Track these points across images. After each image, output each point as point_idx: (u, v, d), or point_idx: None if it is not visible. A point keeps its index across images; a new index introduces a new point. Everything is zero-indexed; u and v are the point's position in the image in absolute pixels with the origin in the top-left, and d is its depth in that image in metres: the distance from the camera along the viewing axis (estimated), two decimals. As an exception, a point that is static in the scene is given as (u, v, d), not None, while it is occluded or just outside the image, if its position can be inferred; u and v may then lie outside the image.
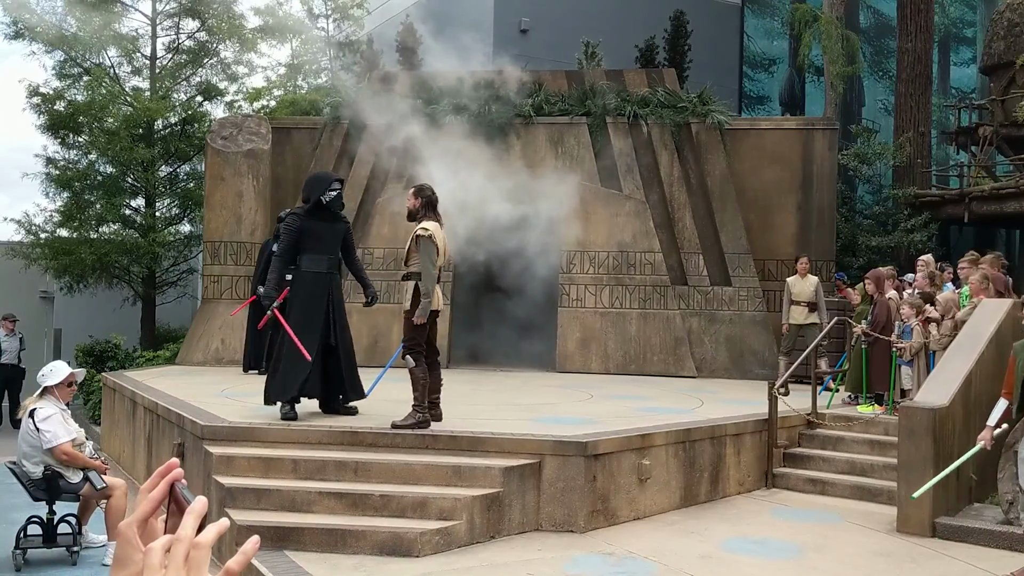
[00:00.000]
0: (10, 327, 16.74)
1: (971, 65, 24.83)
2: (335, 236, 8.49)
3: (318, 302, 8.27)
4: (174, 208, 18.81)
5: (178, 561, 1.05)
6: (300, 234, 8.29)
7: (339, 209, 8.55)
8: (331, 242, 8.45)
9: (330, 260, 8.43)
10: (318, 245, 8.34)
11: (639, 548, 6.98)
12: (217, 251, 14.45)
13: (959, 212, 17.33)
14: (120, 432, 11.74)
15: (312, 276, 8.31)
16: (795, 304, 12.12)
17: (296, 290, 8.44)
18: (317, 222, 8.34)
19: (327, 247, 8.42)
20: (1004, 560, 6.56)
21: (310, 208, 8.37)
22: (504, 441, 7.60)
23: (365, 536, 6.72)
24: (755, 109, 23.47)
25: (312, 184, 8.59)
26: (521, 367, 13.92)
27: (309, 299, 8.28)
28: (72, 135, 17.56)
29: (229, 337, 13.98)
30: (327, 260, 8.39)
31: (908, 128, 18.79)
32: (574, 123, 14.75)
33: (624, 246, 14.13)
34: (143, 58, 18.40)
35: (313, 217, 8.34)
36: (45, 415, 7.44)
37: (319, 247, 8.34)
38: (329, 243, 8.43)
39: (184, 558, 1.05)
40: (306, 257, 8.33)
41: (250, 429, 7.90)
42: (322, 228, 8.36)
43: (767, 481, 9.17)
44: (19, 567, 7.34)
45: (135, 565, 1.11)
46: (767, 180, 14.78)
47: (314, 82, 20.18)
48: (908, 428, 7.67)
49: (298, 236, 8.29)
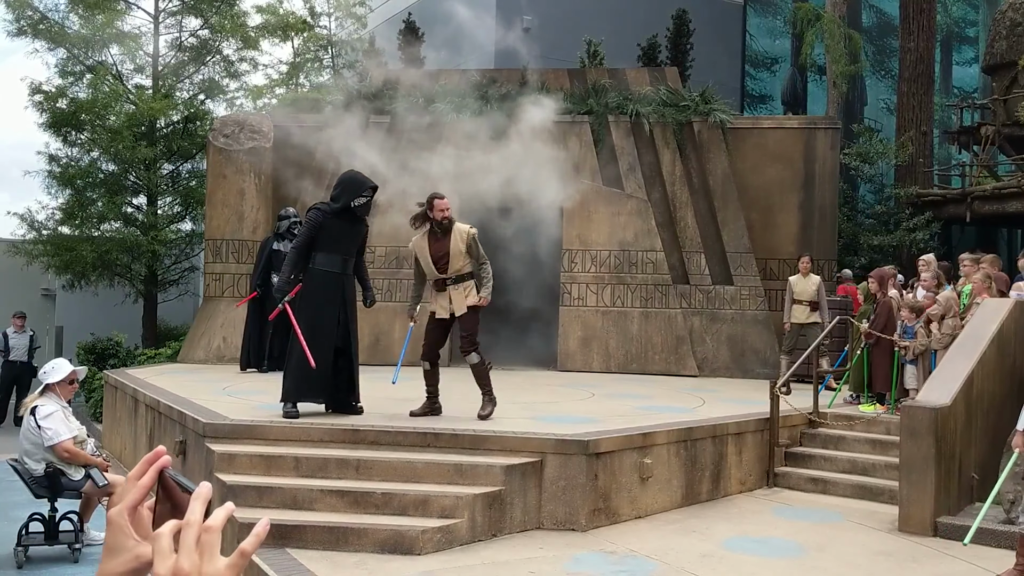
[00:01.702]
0: (20, 324, 16.75)
1: (973, 64, 24.80)
2: (353, 238, 8.32)
3: (331, 302, 8.15)
4: (176, 206, 18.81)
5: (190, 545, 1.05)
6: (319, 230, 8.11)
7: (365, 215, 8.36)
8: (348, 243, 8.28)
9: (345, 261, 8.26)
10: (335, 244, 8.18)
11: (640, 547, 6.98)
12: (219, 249, 14.46)
13: (961, 212, 17.31)
14: (121, 430, 11.74)
15: (323, 275, 8.17)
16: (797, 303, 12.10)
17: (308, 287, 8.29)
18: (339, 221, 8.16)
19: (344, 247, 8.25)
20: (1006, 559, 6.55)
21: (337, 209, 8.17)
22: (506, 439, 7.61)
23: (367, 534, 6.72)
24: (757, 108, 23.46)
25: (345, 185, 8.33)
26: (522, 366, 13.92)
27: (321, 299, 8.16)
28: (74, 133, 17.57)
29: (231, 335, 13.99)
30: (342, 260, 8.23)
31: (910, 127, 18.77)
32: (576, 122, 14.75)
33: (626, 245, 14.13)
34: (145, 56, 18.39)
35: (337, 216, 8.15)
36: (46, 412, 7.45)
37: (336, 247, 8.19)
38: (346, 244, 8.27)
39: (195, 542, 1.05)
40: (321, 255, 8.16)
41: (252, 427, 7.90)
42: (342, 228, 8.19)
43: (769, 480, 9.17)
44: (21, 564, 7.35)
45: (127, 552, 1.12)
46: (769, 179, 14.77)
47: (316, 80, 20.18)
48: (910, 427, 7.66)
49: (317, 232, 8.11)
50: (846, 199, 18.41)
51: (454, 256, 8.09)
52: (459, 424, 8.02)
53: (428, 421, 8.19)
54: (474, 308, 8.20)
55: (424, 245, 8.19)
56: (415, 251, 8.31)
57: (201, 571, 1.04)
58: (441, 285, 8.20)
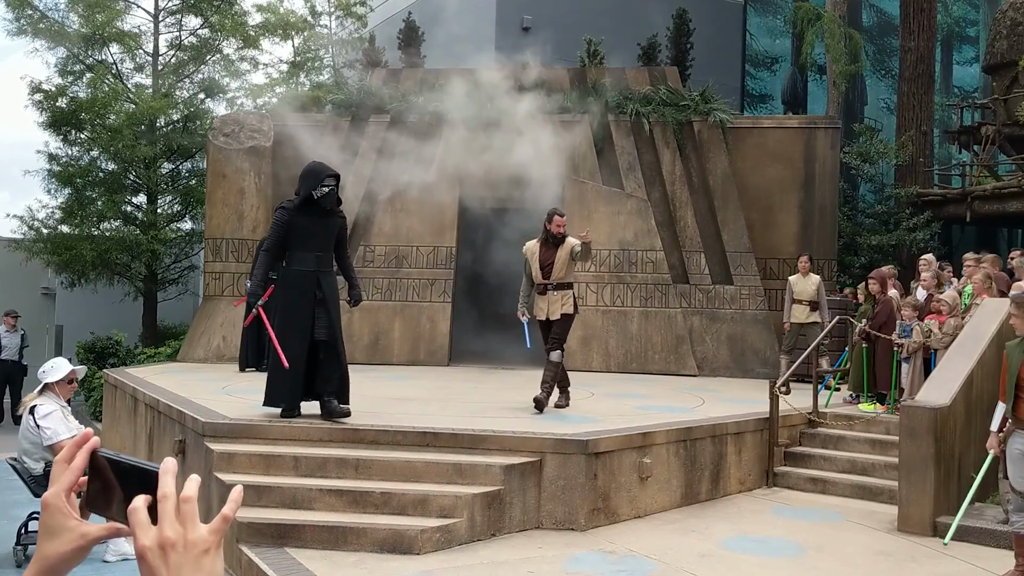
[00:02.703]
0: (11, 323, 16.73)
1: (974, 64, 24.79)
2: (327, 232, 8.04)
3: (304, 299, 7.87)
4: (176, 205, 18.80)
5: (170, 516, 1.09)
6: (287, 229, 7.89)
7: (331, 206, 8.05)
8: (322, 238, 8.00)
9: (319, 258, 7.97)
10: (307, 241, 7.91)
11: (640, 546, 6.97)
12: (218, 248, 14.46)
13: (961, 211, 17.30)
14: (121, 429, 11.74)
15: (298, 274, 7.93)
16: (797, 303, 12.07)
17: (281, 289, 8.13)
18: (307, 217, 7.89)
19: (317, 243, 7.97)
20: (1005, 560, 6.55)
21: (299, 203, 7.94)
22: (505, 439, 7.60)
23: (366, 533, 6.71)
24: (757, 107, 23.44)
25: (304, 177, 8.11)
26: (523, 365, 13.90)
27: (294, 299, 7.92)
28: (74, 132, 17.56)
29: (230, 334, 13.99)
30: (315, 258, 7.94)
31: (910, 127, 18.75)
32: (576, 121, 14.74)
33: (626, 244, 14.12)
34: (145, 55, 18.39)
35: (303, 212, 7.90)
36: (45, 412, 7.44)
37: (308, 244, 7.92)
38: (319, 239, 7.98)
39: (175, 513, 1.10)
40: (293, 254, 7.95)
41: (251, 426, 7.90)
42: (312, 223, 7.92)
43: (768, 480, 9.17)
44: (20, 563, 7.35)
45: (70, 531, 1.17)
46: (769, 178, 14.76)
47: (316, 79, 20.17)
48: (909, 427, 7.66)
49: (285, 231, 7.90)
50: (846, 199, 18.40)
51: (558, 266, 8.93)
52: (458, 423, 8.01)
53: (428, 420, 8.18)
54: (567, 316, 9.02)
55: (536, 251, 9.08)
56: (527, 255, 9.16)
57: (186, 538, 1.09)
58: (542, 289, 9.05)
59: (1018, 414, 6.21)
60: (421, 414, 8.49)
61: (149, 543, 1.08)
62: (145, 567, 1.09)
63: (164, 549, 1.08)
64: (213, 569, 1.10)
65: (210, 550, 1.10)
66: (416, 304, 14.25)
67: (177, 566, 1.08)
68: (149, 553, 1.08)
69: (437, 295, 14.32)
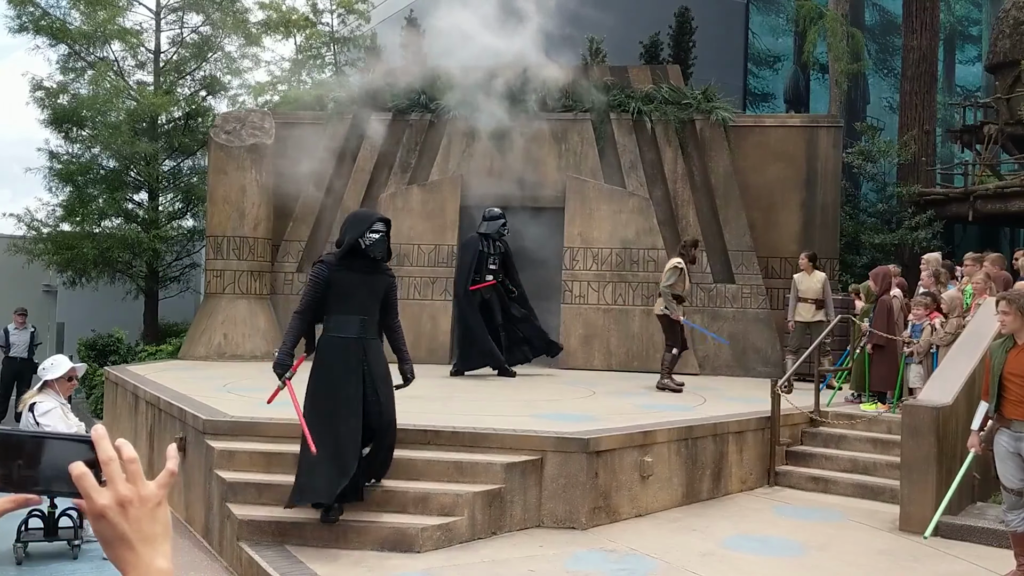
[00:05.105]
0: (21, 321, 16.73)
1: (976, 63, 24.77)
2: (373, 292, 6.82)
3: (351, 372, 6.62)
4: (177, 203, 18.80)
5: (120, 477, 1.21)
6: (327, 287, 6.71)
7: (381, 255, 6.82)
8: (366, 299, 6.79)
9: (363, 322, 6.74)
10: (348, 303, 6.71)
11: (641, 545, 6.96)
12: (220, 246, 14.44)
13: (963, 210, 17.27)
14: (122, 426, 11.73)
15: (339, 342, 6.69)
16: (802, 301, 11.96)
17: (319, 360, 6.77)
18: (349, 273, 6.72)
19: (361, 305, 6.75)
20: (1006, 559, 6.54)
21: (342, 254, 6.73)
22: (506, 437, 7.60)
23: (366, 531, 6.71)
24: (759, 106, 23.40)
25: (350, 224, 6.89)
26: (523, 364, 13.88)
27: (339, 370, 6.64)
28: (75, 129, 17.56)
29: (231, 332, 13.98)
30: (360, 322, 6.72)
31: (913, 126, 18.72)
32: (578, 119, 14.73)
33: (627, 243, 14.11)
34: (147, 52, 18.39)
35: (345, 267, 6.72)
36: (45, 409, 7.43)
37: (351, 305, 6.72)
38: (363, 300, 6.77)
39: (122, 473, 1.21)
40: (333, 319, 6.75)
41: (252, 424, 7.90)
42: (355, 281, 6.73)
43: (769, 479, 9.16)
44: (20, 560, 7.35)
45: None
46: (771, 177, 14.74)
47: (318, 77, 20.16)
48: (911, 426, 7.65)
49: (324, 290, 6.71)
50: (848, 198, 18.37)
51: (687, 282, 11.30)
52: (459, 421, 8.00)
53: (428, 419, 8.17)
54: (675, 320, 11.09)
55: (686, 271, 11.20)
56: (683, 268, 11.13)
57: (139, 494, 1.22)
58: (680, 299, 11.15)
59: (1002, 413, 6.22)
60: (422, 412, 8.48)
61: (108, 502, 1.20)
62: (106, 525, 1.21)
63: (123, 506, 1.20)
64: (166, 519, 1.24)
65: (162, 502, 1.24)
66: (418, 302, 14.24)
67: (136, 519, 1.21)
68: (109, 511, 1.20)
69: (438, 293, 14.31)
